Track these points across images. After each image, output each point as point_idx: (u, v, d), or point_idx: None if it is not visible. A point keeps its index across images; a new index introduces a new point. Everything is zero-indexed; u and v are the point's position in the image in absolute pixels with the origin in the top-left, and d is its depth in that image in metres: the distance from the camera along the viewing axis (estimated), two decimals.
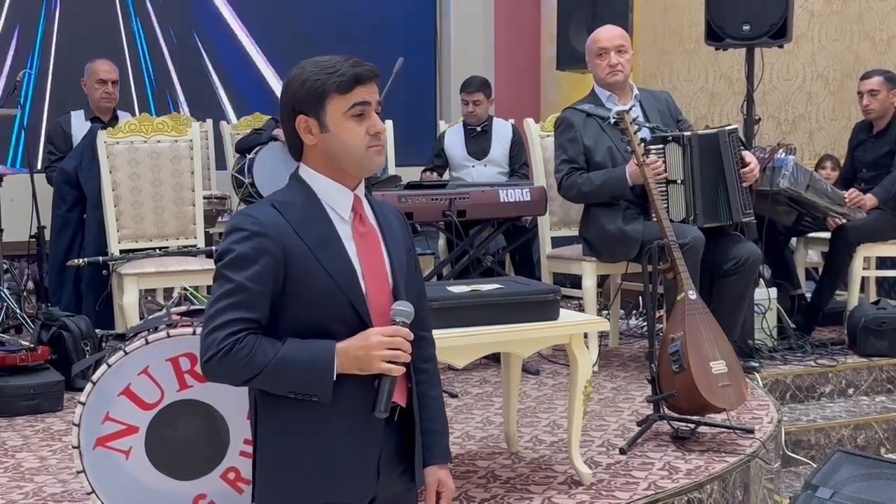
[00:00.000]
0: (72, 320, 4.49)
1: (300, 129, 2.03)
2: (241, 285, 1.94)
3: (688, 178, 4.45)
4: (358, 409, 2.00)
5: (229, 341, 1.91)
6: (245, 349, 1.92)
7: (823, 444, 4.65)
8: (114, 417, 2.58)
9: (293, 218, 2.00)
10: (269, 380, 1.95)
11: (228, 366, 1.92)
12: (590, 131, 4.57)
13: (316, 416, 1.99)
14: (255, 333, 1.94)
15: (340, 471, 2.01)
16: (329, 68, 2.01)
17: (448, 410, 4.17)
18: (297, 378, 1.95)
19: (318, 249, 1.98)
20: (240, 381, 1.97)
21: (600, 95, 4.68)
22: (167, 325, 2.65)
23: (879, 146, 5.70)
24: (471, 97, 6.24)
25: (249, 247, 1.95)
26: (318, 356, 1.95)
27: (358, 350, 1.95)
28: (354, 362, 1.96)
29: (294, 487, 2.02)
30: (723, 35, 5.28)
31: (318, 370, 1.94)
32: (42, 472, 3.49)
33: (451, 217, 4.73)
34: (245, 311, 1.94)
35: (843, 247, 5.40)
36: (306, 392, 1.95)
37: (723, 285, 4.46)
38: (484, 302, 3.13)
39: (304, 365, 1.94)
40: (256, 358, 1.92)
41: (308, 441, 2.00)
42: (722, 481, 3.45)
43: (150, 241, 4.98)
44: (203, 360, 1.95)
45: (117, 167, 4.93)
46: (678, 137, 4.48)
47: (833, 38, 7.90)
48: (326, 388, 1.94)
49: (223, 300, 1.94)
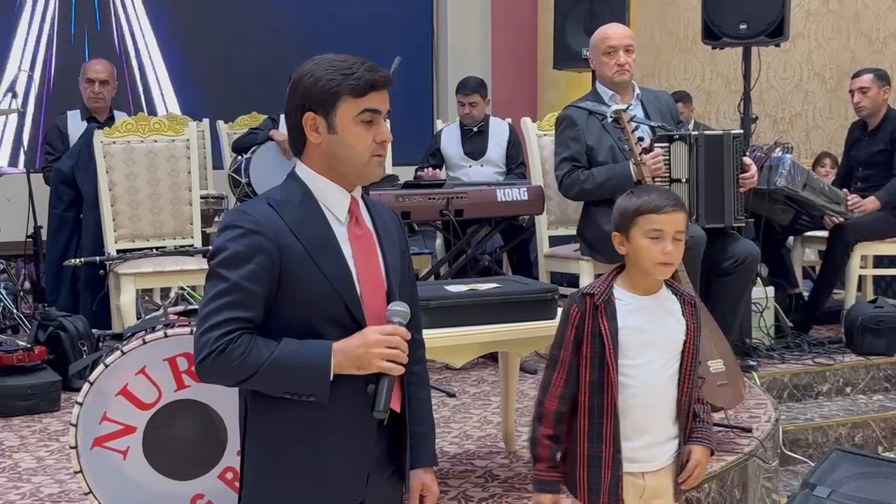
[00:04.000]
0: (69, 320, 4.48)
1: (307, 126, 2.01)
2: (235, 284, 1.91)
3: (692, 177, 4.44)
4: (351, 415, 1.99)
5: (223, 341, 1.89)
6: (239, 349, 1.89)
7: (821, 442, 4.66)
8: (111, 417, 2.57)
9: (290, 217, 1.97)
10: (264, 380, 1.92)
11: (222, 366, 1.89)
12: (592, 130, 4.54)
13: (309, 421, 1.97)
14: (249, 333, 1.92)
15: (332, 476, 2.00)
16: (345, 69, 1.98)
17: (446, 410, 4.19)
18: (294, 378, 1.92)
19: (314, 250, 1.96)
20: (234, 382, 1.94)
21: (602, 94, 4.65)
22: (164, 325, 2.64)
23: (873, 144, 5.71)
24: (467, 98, 6.24)
25: (244, 245, 1.93)
26: (314, 356, 1.93)
27: (357, 349, 1.94)
28: (353, 361, 1.94)
29: (285, 493, 2.00)
30: (720, 34, 5.28)
31: (315, 370, 1.92)
32: (39, 472, 3.49)
33: (448, 216, 4.72)
34: (240, 311, 1.91)
35: (841, 245, 5.40)
36: (303, 392, 1.93)
37: (721, 284, 4.45)
38: (481, 301, 3.13)
39: (300, 365, 1.92)
40: (251, 358, 1.89)
41: (301, 447, 1.98)
42: (720, 480, 3.45)
43: (147, 241, 4.98)
44: (197, 360, 1.92)
45: (114, 167, 4.92)
46: (685, 136, 4.46)
47: (829, 37, 7.92)
48: (324, 387, 1.93)
49: (217, 300, 1.92)
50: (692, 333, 2.46)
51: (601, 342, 2.38)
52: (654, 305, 2.45)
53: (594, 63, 4.63)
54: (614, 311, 2.40)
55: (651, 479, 2.43)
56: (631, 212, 2.42)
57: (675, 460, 2.47)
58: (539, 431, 2.42)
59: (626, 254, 2.44)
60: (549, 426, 2.41)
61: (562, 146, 4.61)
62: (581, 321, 2.40)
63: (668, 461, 2.45)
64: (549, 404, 2.41)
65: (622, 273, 2.47)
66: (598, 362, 2.38)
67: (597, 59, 4.59)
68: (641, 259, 2.40)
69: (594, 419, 2.39)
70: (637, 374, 2.39)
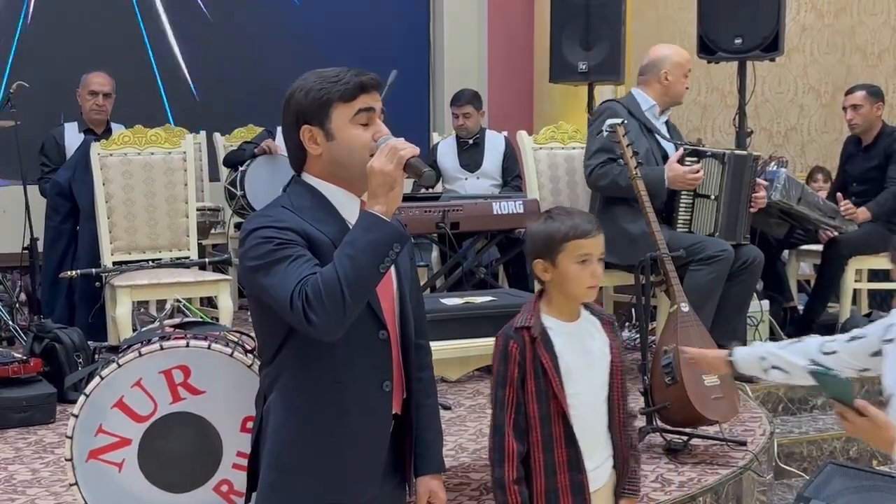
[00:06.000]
0: (64, 332, 4.48)
1: (305, 139, 2.03)
2: (280, 258, 1.91)
3: (722, 195, 4.52)
4: (367, 414, 2.02)
5: (303, 294, 1.87)
6: (315, 286, 1.87)
7: (815, 456, 4.66)
8: (107, 430, 2.57)
9: (308, 217, 2.00)
10: (354, 277, 1.87)
11: (323, 306, 1.86)
12: (632, 129, 4.60)
13: (326, 418, 2.00)
14: (313, 274, 1.89)
15: (349, 473, 2.03)
16: (332, 78, 2.02)
17: (441, 422, 4.18)
18: (368, 250, 1.89)
19: (338, 241, 1.95)
20: (342, 307, 1.87)
21: (641, 101, 4.73)
22: (160, 338, 2.64)
23: (868, 160, 5.72)
24: (460, 110, 6.26)
25: (274, 233, 1.93)
26: (361, 224, 1.91)
27: (374, 186, 1.92)
28: (381, 189, 1.92)
29: (302, 486, 2.02)
30: (715, 48, 5.31)
31: (374, 229, 1.90)
32: (34, 484, 3.48)
33: (444, 229, 4.73)
34: (296, 266, 1.90)
35: (835, 259, 5.41)
36: (387, 251, 1.90)
37: (730, 287, 4.51)
38: (477, 314, 3.14)
39: (361, 240, 1.90)
40: (327, 279, 1.87)
41: (319, 441, 2.01)
42: (715, 493, 3.45)
43: (143, 253, 4.98)
44: (309, 323, 1.88)
45: (111, 179, 4.92)
46: (718, 154, 4.54)
47: (825, 52, 7.93)
48: (390, 232, 1.91)
49: (278, 279, 1.90)
50: (616, 351, 2.46)
51: (545, 374, 2.34)
52: (581, 329, 2.43)
53: (670, 76, 4.73)
54: (550, 342, 2.36)
55: (595, 499, 2.41)
56: (558, 238, 2.36)
57: (611, 478, 2.46)
58: (506, 477, 2.33)
59: (550, 280, 2.39)
60: (513, 468, 2.33)
61: (598, 137, 4.63)
62: (522, 356, 2.35)
63: (607, 479, 2.45)
64: (510, 445, 2.33)
65: (542, 301, 2.42)
66: (544, 396, 2.34)
67: (676, 75, 4.73)
68: (571, 284, 2.37)
69: (548, 452, 2.35)
70: (580, 402, 2.37)
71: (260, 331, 2.10)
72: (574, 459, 2.35)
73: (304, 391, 2.02)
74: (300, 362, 2.01)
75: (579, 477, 2.35)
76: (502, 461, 2.33)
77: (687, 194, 4.52)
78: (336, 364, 2.00)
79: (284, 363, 2.03)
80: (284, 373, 2.04)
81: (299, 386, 2.02)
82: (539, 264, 2.39)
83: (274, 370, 2.06)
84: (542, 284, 2.43)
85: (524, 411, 2.35)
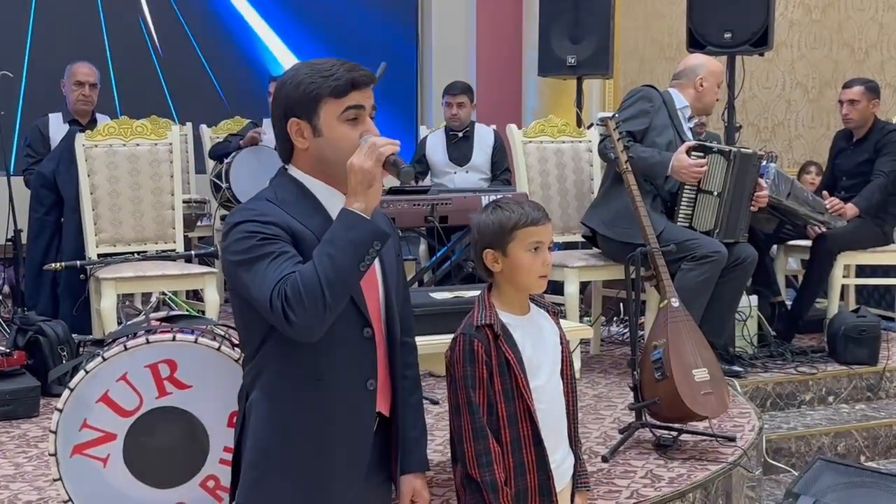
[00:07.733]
0: (48, 325, 4.43)
1: (292, 132, 2.00)
2: (262, 254, 1.89)
3: (725, 192, 4.51)
4: (351, 413, 2.00)
5: (282, 293, 1.85)
6: (294, 285, 1.85)
7: (804, 451, 4.66)
8: (91, 424, 2.54)
9: (292, 210, 1.97)
10: (334, 276, 1.86)
11: (303, 306, 1.84)
12: (661, 115, 4.66)
13: (312, 416, 1.97)
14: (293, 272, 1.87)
15: (332, 472, 2.00)
16: (325, 71, 1.98)
17: (429, 417, 4.15)
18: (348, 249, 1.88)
19: (322, 236, 1.93)
20: (322, 306, 1.86)
21: (676, 100, 4.78)
22: (146, 331, 2.61)
23: (858, 154, 5.72)
24: (455, 99, 6.24)
25: (257, 228, 1.91)
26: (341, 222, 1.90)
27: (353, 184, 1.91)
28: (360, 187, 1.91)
29: (283, 485, 2.00)
30: (704, 43, 5.30)
31: (353, 227, 1.89)
32: (18, 479, 3.44)
33: (433, 222, 4.71)
34: (277, 264, 1.88)
35: (824, 255, 5.41)
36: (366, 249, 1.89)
37: (721, 284, 4.52)
38: (466, 308, 3.10)
39: (340, 238, 1.88)
40: (307, 279, 1.85)
41: (301, 440, 1.98)
42: (704, 489, 3.44)
43: (129, 246, 4.93)
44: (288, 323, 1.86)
45: (95, 170, 4.87)
46: (725, 151, 4.54)
47: (812, 47, 7.95)
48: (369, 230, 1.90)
49: (259, 277, 1.88)
50: (564, 341, 2.43)
51: (510, 371, 2.28)
52: (533, 322, 2.39)
53: (705, 83, 4.78)
54: (511, 337, 2.31)
55: (561, 499, 2.37)
56: (509, 227, 2.30)
57: (572, 476, 2.43)
58: (498, 480, 2.24)
59: (501, 271, 2.33)
60: (500, 468, 2.26)
61: (625, 114, 4.68)
62: (487, 355, 2.27)
63: (568, 476, 2.41)
64: (492, 446, 2.25)
65: (493, 297, 2.36)
66: (511, 394, 2.28)
67: (710, 83, 4.78)
68: (522, 274, 2.31)
69: (516, 452, 2.29)
70: (544, 397, 2.33)
71: (242, 326, 2.07)
72: (541, 459, 2.30)
73: (285, 388, 1.99)
74: (282, 359, 1.98)
75: (546, 477, 2.31)
76: (491, 463, 2.25)
77: (690, 188, 4.52)
78: (319, 362, 1.97)
79: (266, 359, 2.01)
80: (266, 369, 2.01)
81: (281, 383, 1.99)
82: (489, 254, 2.33)
83: (256, 366, 2.03)
84: (492, 278, 2.37)
85: (495, 412, 2.28)
